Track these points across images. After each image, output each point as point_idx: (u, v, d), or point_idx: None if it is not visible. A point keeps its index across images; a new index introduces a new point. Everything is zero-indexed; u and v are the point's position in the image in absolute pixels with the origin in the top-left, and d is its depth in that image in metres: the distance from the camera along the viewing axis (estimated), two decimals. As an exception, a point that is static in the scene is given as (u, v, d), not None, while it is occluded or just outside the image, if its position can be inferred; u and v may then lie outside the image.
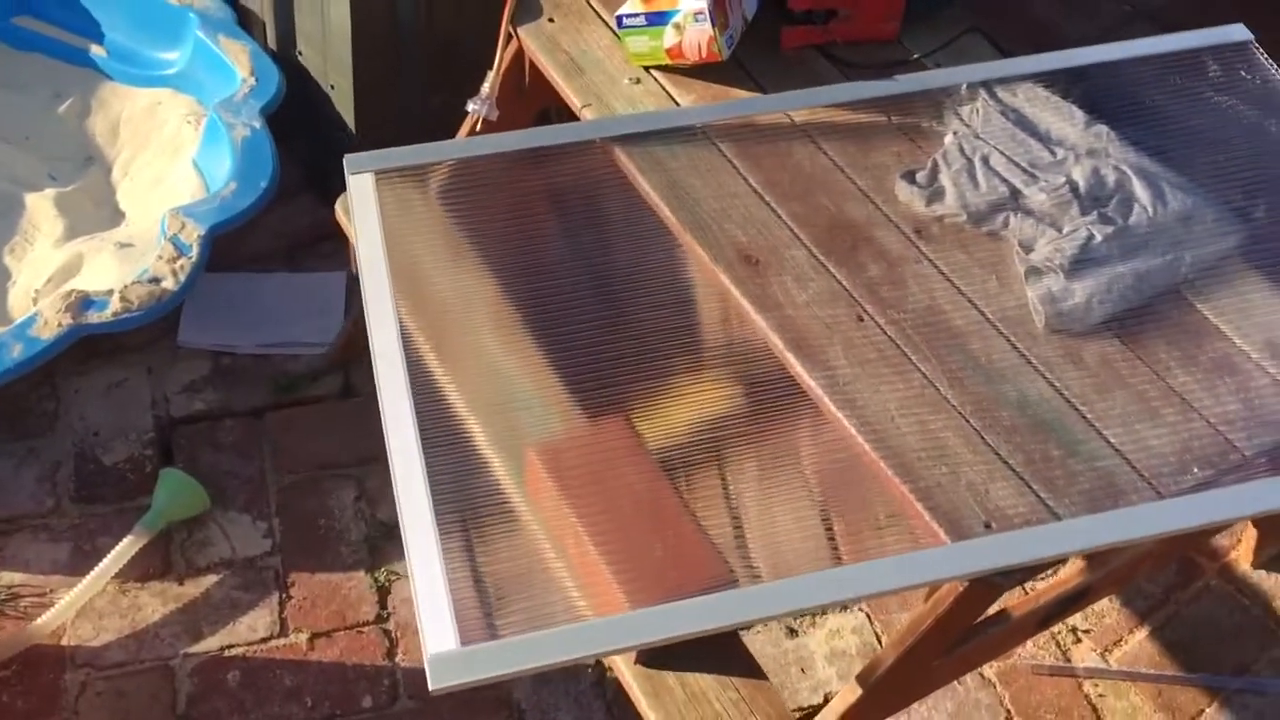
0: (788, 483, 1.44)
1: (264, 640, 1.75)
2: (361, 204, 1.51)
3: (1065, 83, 1.69)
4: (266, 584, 1.81)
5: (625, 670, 1.40)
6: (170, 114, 2.32)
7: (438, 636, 1.12)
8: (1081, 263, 1.46)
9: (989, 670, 1.80)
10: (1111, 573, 1.56)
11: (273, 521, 1.88)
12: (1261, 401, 1.37)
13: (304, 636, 1.76)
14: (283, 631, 1.76)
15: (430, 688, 1.09)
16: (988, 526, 1.23)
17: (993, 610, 1.50)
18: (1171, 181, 1.55)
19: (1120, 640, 1.86)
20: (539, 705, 1.71)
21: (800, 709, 1.73)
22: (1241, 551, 1.97)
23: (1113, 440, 1.32)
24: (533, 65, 1.74)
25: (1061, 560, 1.33)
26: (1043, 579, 1.81)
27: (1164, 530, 1.25)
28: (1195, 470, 1.29)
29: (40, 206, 2.20)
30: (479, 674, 1.11)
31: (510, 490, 1.40)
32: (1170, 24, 3.07)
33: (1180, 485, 1.28)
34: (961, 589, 1.25)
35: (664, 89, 1.68)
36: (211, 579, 1.81)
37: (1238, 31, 1.75)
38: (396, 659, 1.75)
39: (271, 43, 2.29)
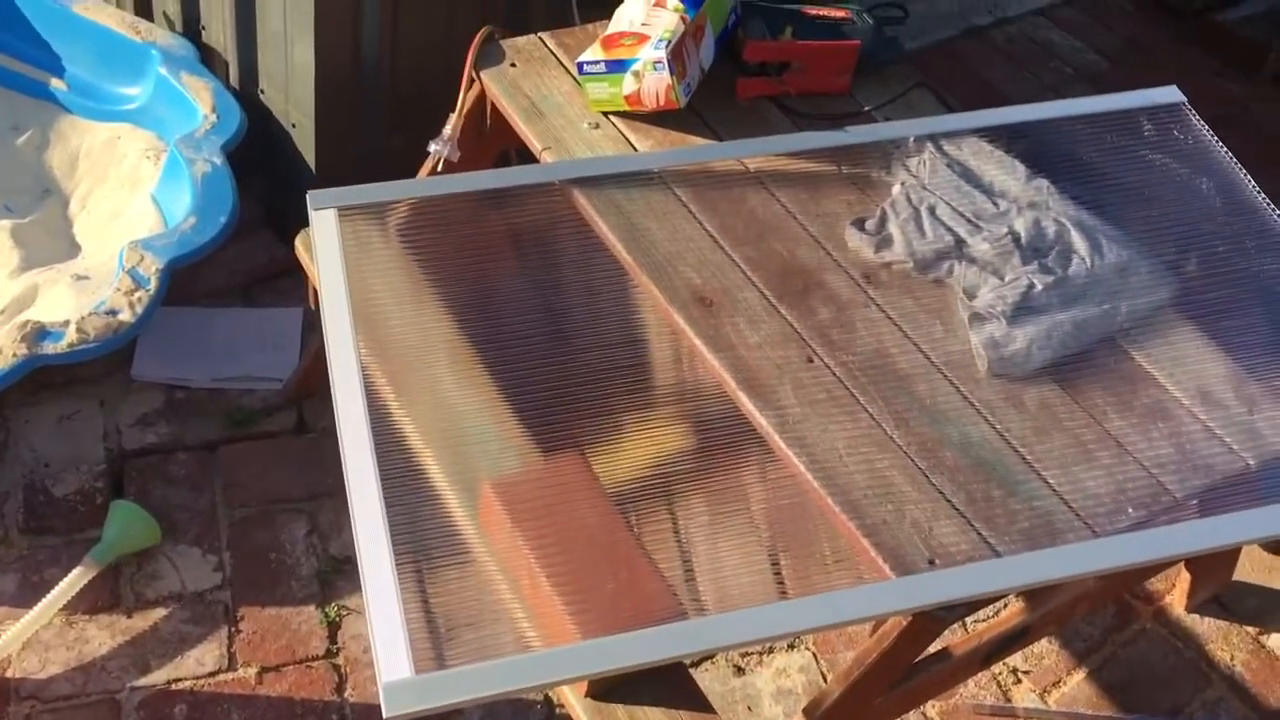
0: (738, 520, 1.47)
1: (212, 674, 1.75)
2: (324, 240, 1.53)
3: (1008, 138, 1.75)
4: (216, 618, 1.81)
5: (575, 703, 1.42)
6: (129, 149, 2.33)
7: (392, 665, 1.13)
8: (1022, 310, 1.51)
9: (932, 710, 1.83)
10: (1050, 612, 1.60)
11: (223, 555, 1.88)
12: (1193, 446, 1.42)
13: (253, 670, 1.76)
14: (231, 665, 1.76)
15: (385, 715, 1.10)
16: (931, 563, 1.27)
17: (936, 648, 1.53)
18: (1108, 235, 1.62)
19: (1059, 681, 1.90)
20: (488, 741, 1.72)
21: (747, 746, 1.75)
22: (1176, 596, 2.02)
23: (1051, 481, 1.36)
24: (494, 108, 1.78)
25: (1002, 596, 1.37)
26: (984, 619, 1.85)
27: (1099, 568, 1.30)
28: (1129, 511, 1.34)
29: (-5, 237, 2.19)
30: (432, 702, 1.12)
31: (466, 524, 1.42)
32: (1109, 87, 3.19)
33: (1115, 525, 1.33)
34: (906, 623, 1.28)
35: (622, 134, 1.72)
36: (160, 612, 1.80)
37: (1170, 94, 1.83)
38: (346, 694, 1.75)
39: (234, 80, 2.31)
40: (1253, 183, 1.72)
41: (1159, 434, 1.43)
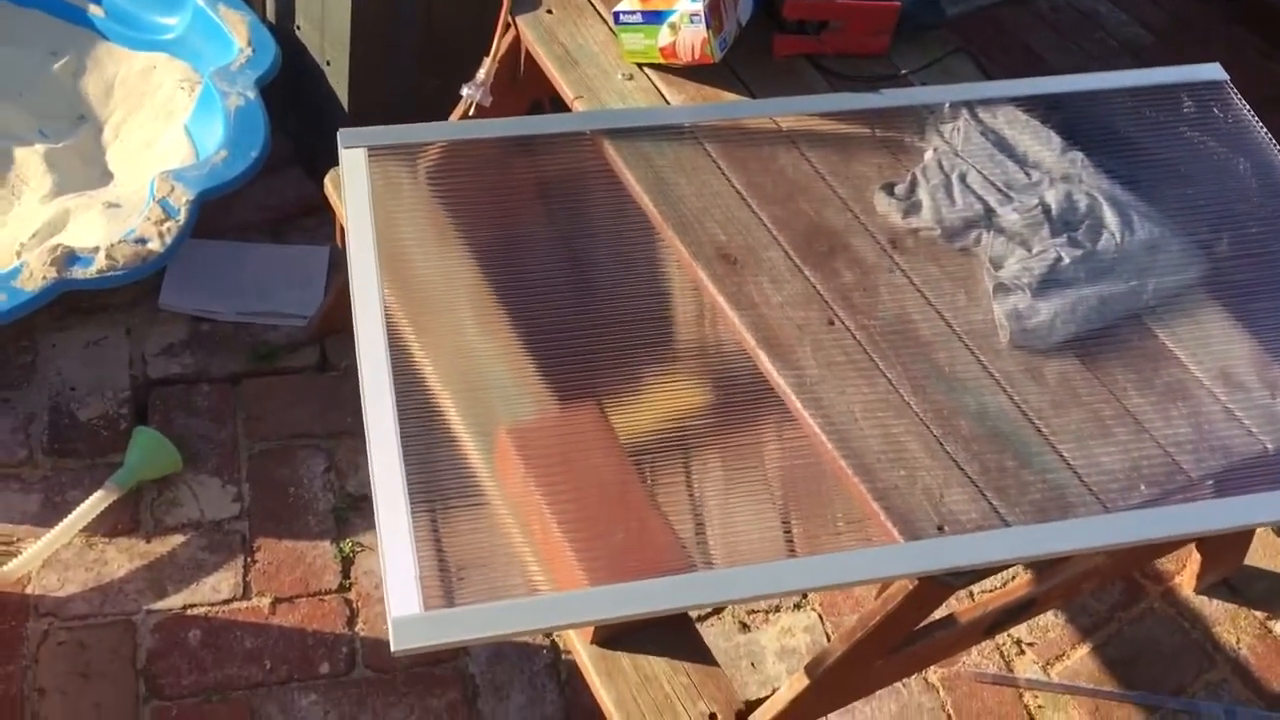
0: (751, 477, 1.48)
1: (226, 601, 1.78)
2: (353, 179, 1.54)
3: (1045, 108, 1.73)
4: (232, 547, 1.84)
5: (581, 649, 1.44)
6: (165, 79, 2.33)
7: (402, 600, 1.15)
8: (1048, 283, 1.50)
9: (933, 675, 1.85)
10: (1057, 586, 1.61)
11: (242, 486, 1.91)
12: (1211, 428, 1.42)
13: (266, 600, 1.79)
14: (245, 594, 1.79)
15: (393, 649, 1.12)
16: (940, 529, 1.28)
17: (941, 615, 1.54)
18: (1140, 211, 1.60)
19: (1063, 654, 1.91)
20: (493, 682, 1.74)
21: (748, 702, 1.77)
22: (1185, 577, 2.02)
23: (1066, 455, 1.36)
24: (528, 55, 1.77)
25: (1009, 565, 1.37)
26: (991, 589, 1.86)
27: (1107, 543, 1.30)
28: (1142, 488, 1.34)
29: (29, 161, 2.21)
30: (440, 638, 1.14)
31: (481, 467, 1.43)
32: (1153, 61, 3.15)
33: (1127, 502, 1.33)
34: (912, 587, 1.29)
35: (655, 87, 1.72)
36: (178, 539, 1.83)
37: (1213, 71, 1.80)
38: (356, 628, 1.78)
39: (270, 15, 2.31)
40: (1291, 165, 1.70)
41: (1178, 413, 1.43)
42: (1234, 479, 1.38)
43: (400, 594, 1.16)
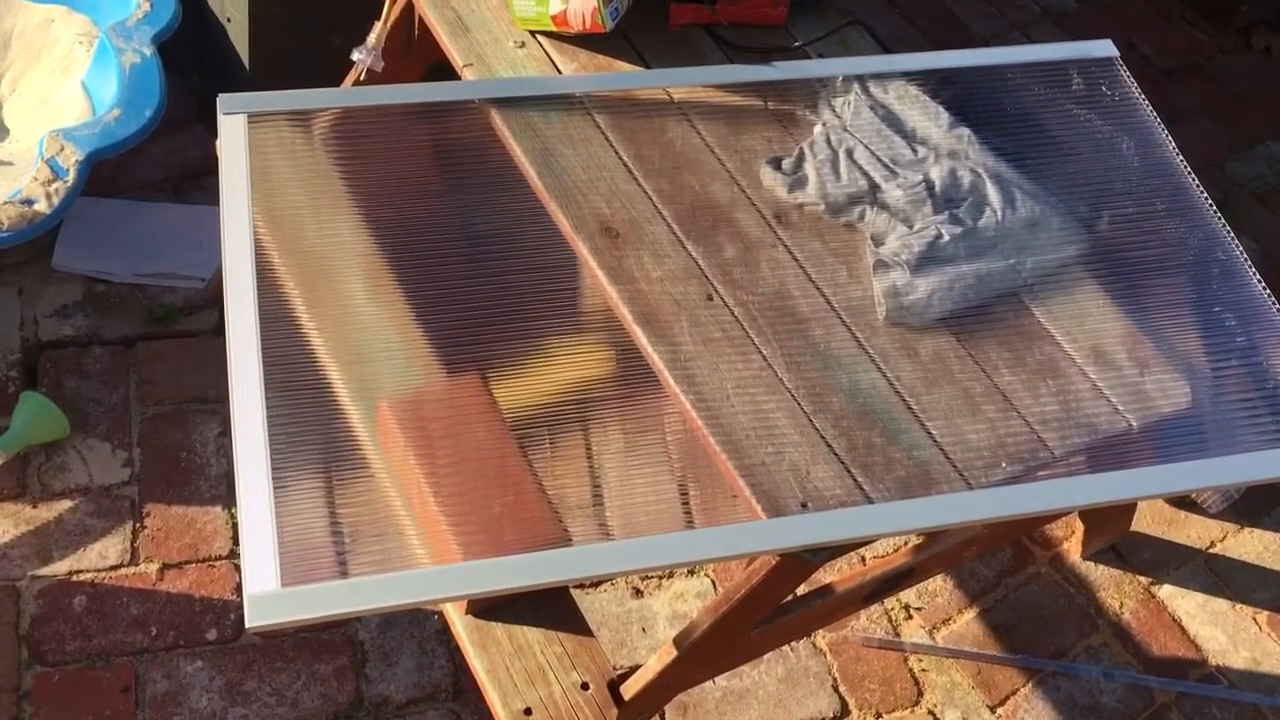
0: (633, 453, 1.49)
1: (114, 568, 1.77)
2: (230, 145, 1.52)
3: (936, 83, 1.74)
4: (121, 513, 1.83)
5: (455, 619, 1.45)
6: (63, 32, 2.28)
7: (258, 577, 1.15)
8: (927, 260, 1.52)
9: (821, 640, 1.88)
10: (936, 555, 1.64)
11: (133, 451, 1.89)
12: (1078, 405, 1.45)
13: (154, 566, 1.78)
14: (133, 560, 1.78)
15: (247, 625, 1.13)
16: (804, 506, 1.30)
17: (824, 583, 1.57)
18: (1023, 188, 1.62)
19: (949, 619, 1.95)
20: (383, 648, 1.75)
21: (635, 666, 1.79)
22: (1073, 543, 2.07)
23: (933, 432, 1.39)
24: (422, 20, 1.75)
25: (869, 541, 1.40)
26: (882, 554, 1.90)
27: (965, 520, 1.33)
28: (1004, 465, 1.37)
29: (-81, 116, 2.16)
30: (297, 615, 1.14)
31: (356, 439, 1.43)
32: (1075, 28, 3.17)
33: (989, 479, 1.35)
34: (774, 563, 1.31)
35: (548, 55, 1.70)
36: (66, 504, 1.82)
37: (1104, 47, 1.82)
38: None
39: (171, -31, 2.26)
40: (1174, 144, 1.72)
41: (1046, 390, 1.45)
42: (1096, 457, 1.42)
43: (256, 570, 1.16)
